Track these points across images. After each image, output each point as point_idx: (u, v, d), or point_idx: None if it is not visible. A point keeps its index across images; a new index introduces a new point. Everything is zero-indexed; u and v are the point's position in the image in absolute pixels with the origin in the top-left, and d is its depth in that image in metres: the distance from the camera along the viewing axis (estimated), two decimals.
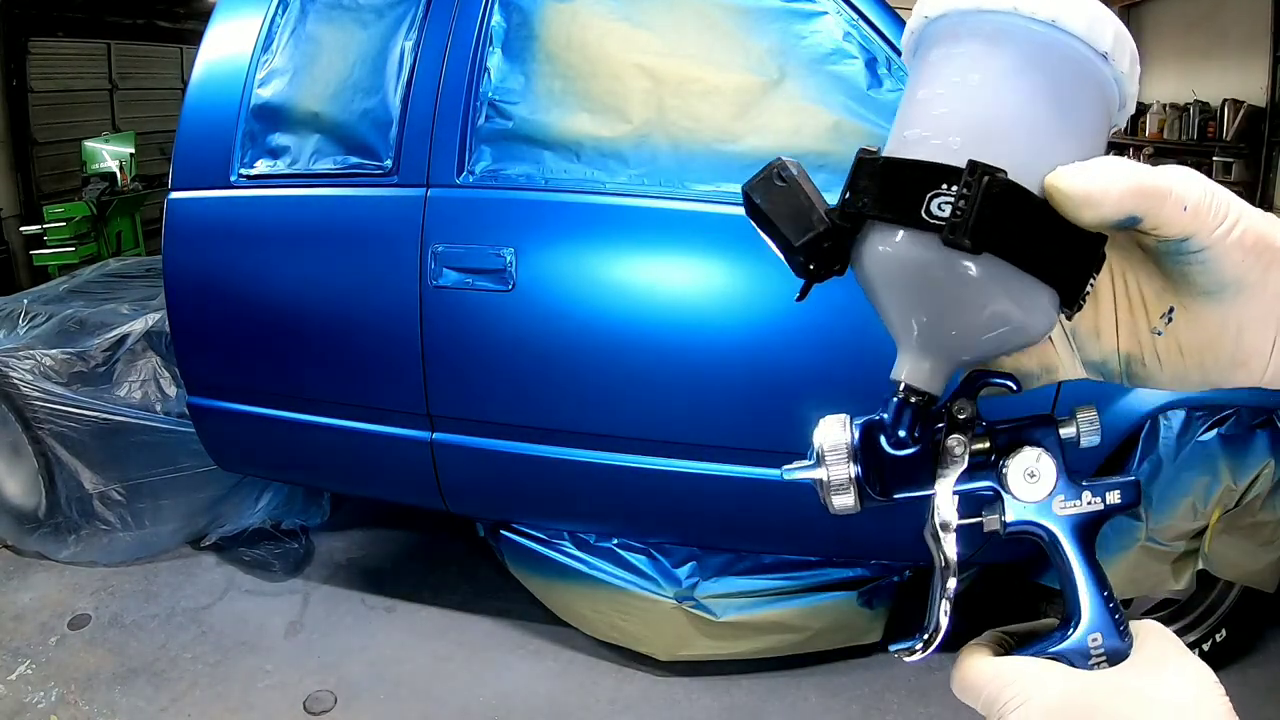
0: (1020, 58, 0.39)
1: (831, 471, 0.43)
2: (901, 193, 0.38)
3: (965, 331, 0.40)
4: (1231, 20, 6.37)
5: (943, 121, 0.39)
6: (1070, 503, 0.41)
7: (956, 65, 0.40)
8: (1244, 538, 1.94)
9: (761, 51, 1.87)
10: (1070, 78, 0.40)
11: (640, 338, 1.92)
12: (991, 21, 0.40)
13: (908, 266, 0.39)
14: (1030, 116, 0.39)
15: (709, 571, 2.16)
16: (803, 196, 0.42)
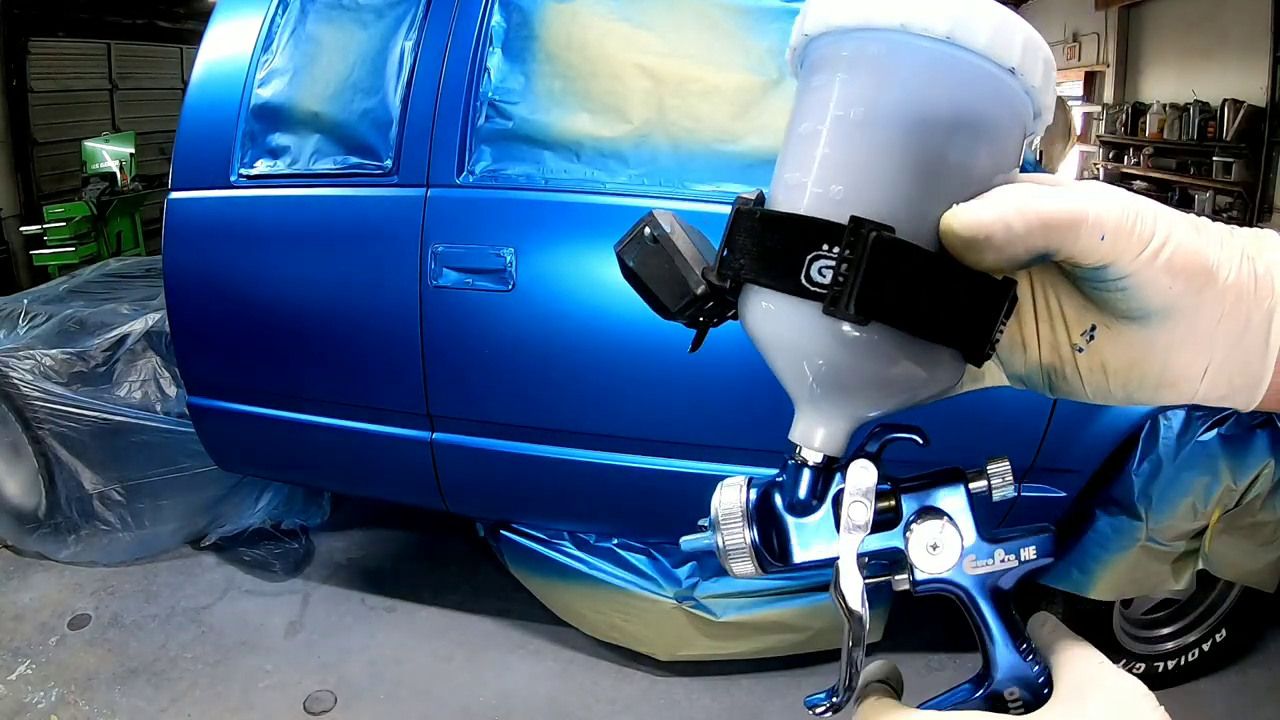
0: (911, 85, 0.34)
1: (726, 538, 0.40)
2: (780, 254, 0.34)
3: (860, 396, 0.37)
4: (1231, 20, 6.36)
5: (824, 165, 0.34)
6: (982, 562, 0.38)
7: (839, 95, 0.34)
8: (1244, 538, 1.94)
9: (761, 51, 1.87)
10: (972, 102, 0.34)
11: (640, 338, 1.92)
12: (877, 41, 0.34)
13: (791, 334, 0.35)
14: (925, 156, 0.34)
15: (709, 571, 2.16)
16: (677, 257, 0.39)
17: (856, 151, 0.34)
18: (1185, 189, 6.96)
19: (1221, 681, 2.20)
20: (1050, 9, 9.30)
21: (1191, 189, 6.85)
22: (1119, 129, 7.89)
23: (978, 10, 0.33)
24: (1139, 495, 1.89)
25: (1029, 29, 0.34)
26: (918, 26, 0.33)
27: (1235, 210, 6.32)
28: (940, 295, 0.34)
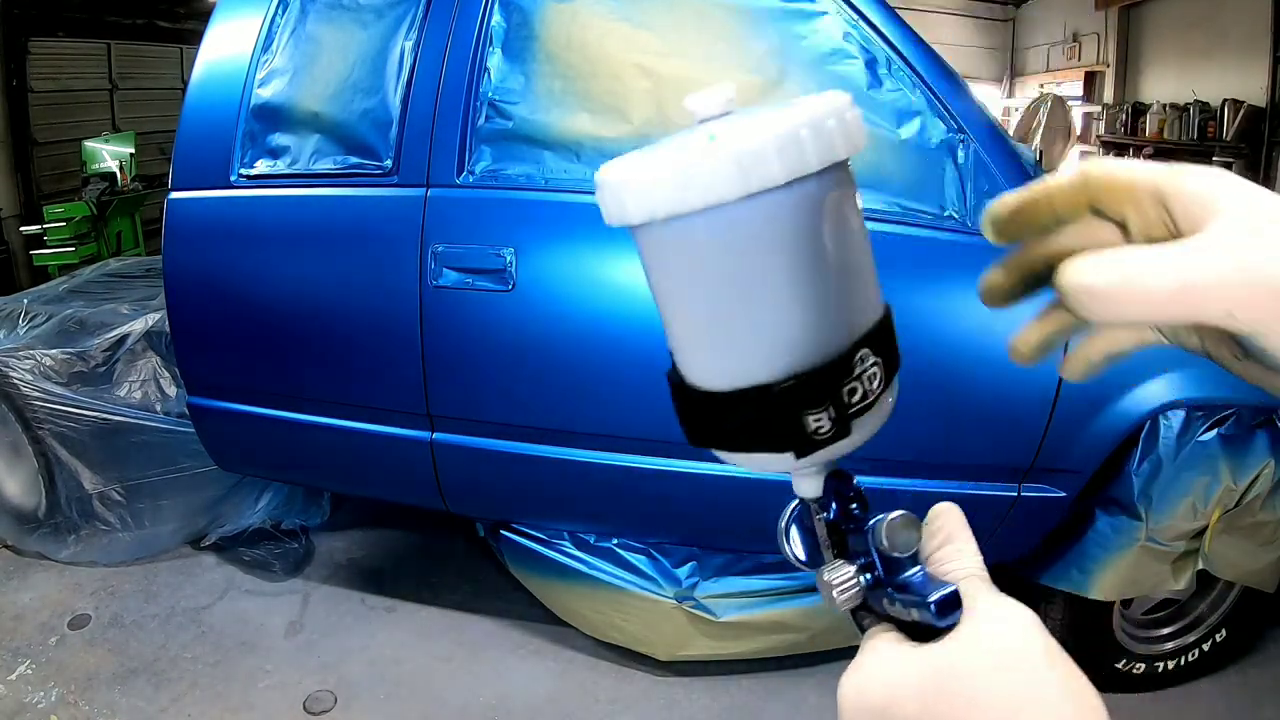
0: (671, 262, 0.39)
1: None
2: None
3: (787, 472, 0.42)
4: (1231, 20, 6.37)
5: (667, 330, 0.41)
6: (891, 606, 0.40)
7: (649, 275, 0.41)
8: (1244, 538, 1.94)
9: (761, 51, 1.87)
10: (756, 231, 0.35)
11: (640, 338, 1.92)
12: (640, 232, 0.38)
13: None
14: (665, 306, 0.40)
15: (709, 571, 2.16)
16: None
17: (670, 316, 0.40)
18: None
19: (1221, 681, 2.20)
20: (1050, 9, 9.31)
21: None
22: (1119, 129, 7.90)
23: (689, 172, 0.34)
24: (1139, 495, 1.89)
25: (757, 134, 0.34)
26: (663, 213, 0.35)
27: None
28: (733, 420, 0.38)
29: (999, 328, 2.04)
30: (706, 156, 0.34)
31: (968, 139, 1.83)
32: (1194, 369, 1.82)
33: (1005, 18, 10.25)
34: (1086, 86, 8.55)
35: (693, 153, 0.34)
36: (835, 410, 0.37)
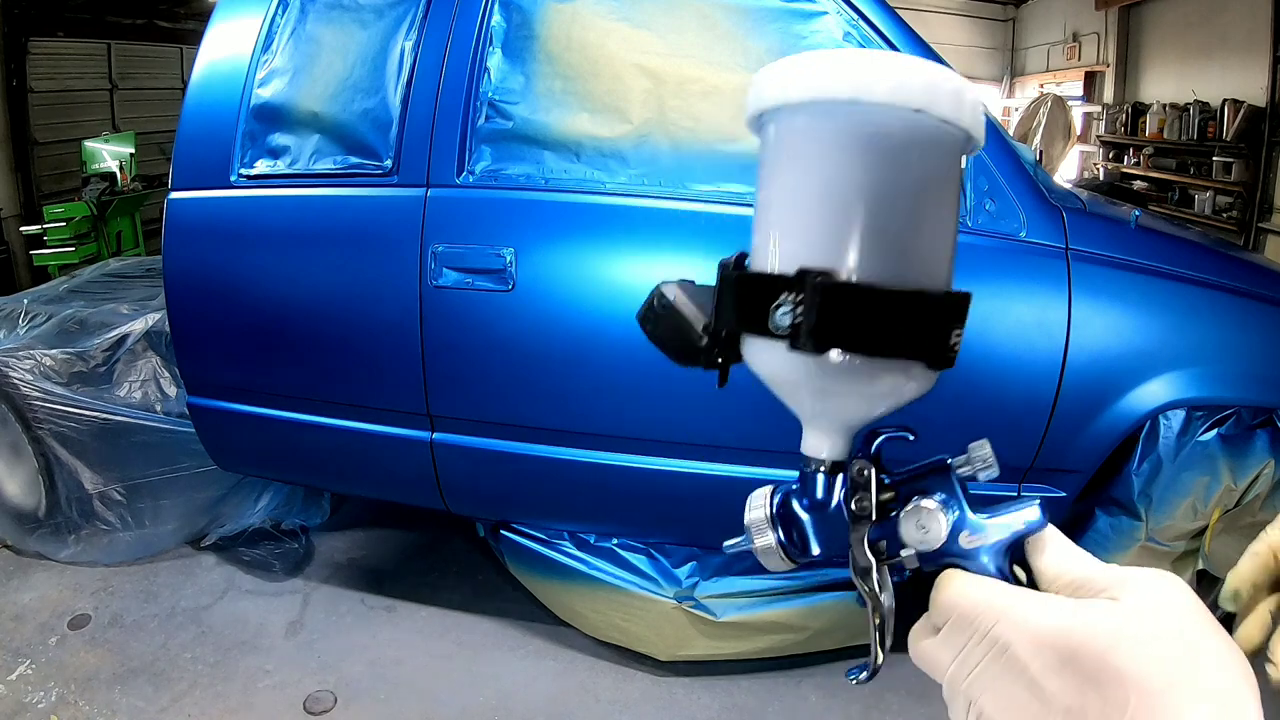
0: (830, 146, 0.40)
1: (756, 541, 0.47)
2: (752, 306, 0.41)
3: (849, 409, 0.43)
4: (1231, 20, 6.36)
5: (780, 226, 0.41)
6: (976, 536, 0.42)
7: (782, 167, 0.42)
8: (1244, 538, 1.93)
9: (761, 51, 1.87)
10: (890, 146, 0.40)
11: (640, 338, 1.92)
12: (802, 114, 0.40)
13: (775, 370, 0.43)
14: (855, 204, 0.39)
15: (709, 571, 2.16)
16: (681, 320, 0.47)
17: (803, 210, 0.41)
18: (1185, 189, 6.96)
19: None
20: (1050, 9, 9.30)
21: (1191, 189, 6.85)
22: (1119, 129, 7.89)
23: (875, 68, 0.39)
24: (1139, 495, 1.89)
25: (930, 70, 0.39)
26: (826, 94, 0.39)
27: (1235, 210, 6.32)
28: (889, 320, 0.39)
29: (999, 328, 2.05)
30: (928, 70, 0.39)
31: None
32: (1194, 369, 1.82)
33: (1005, 18, 10.25)
34: (1086, 86, 8.54)
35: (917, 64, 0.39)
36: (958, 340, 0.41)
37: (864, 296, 0.39)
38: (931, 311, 0.40)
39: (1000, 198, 1.84)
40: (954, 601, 0.40)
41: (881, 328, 0.39)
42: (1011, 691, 0.37)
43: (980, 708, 0.38)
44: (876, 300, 0.39)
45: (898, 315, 0.39)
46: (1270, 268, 2.15)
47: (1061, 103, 7.70)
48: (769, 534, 0.46)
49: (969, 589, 0.40)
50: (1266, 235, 6.10)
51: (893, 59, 0.39)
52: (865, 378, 0.41)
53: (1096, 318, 1.80)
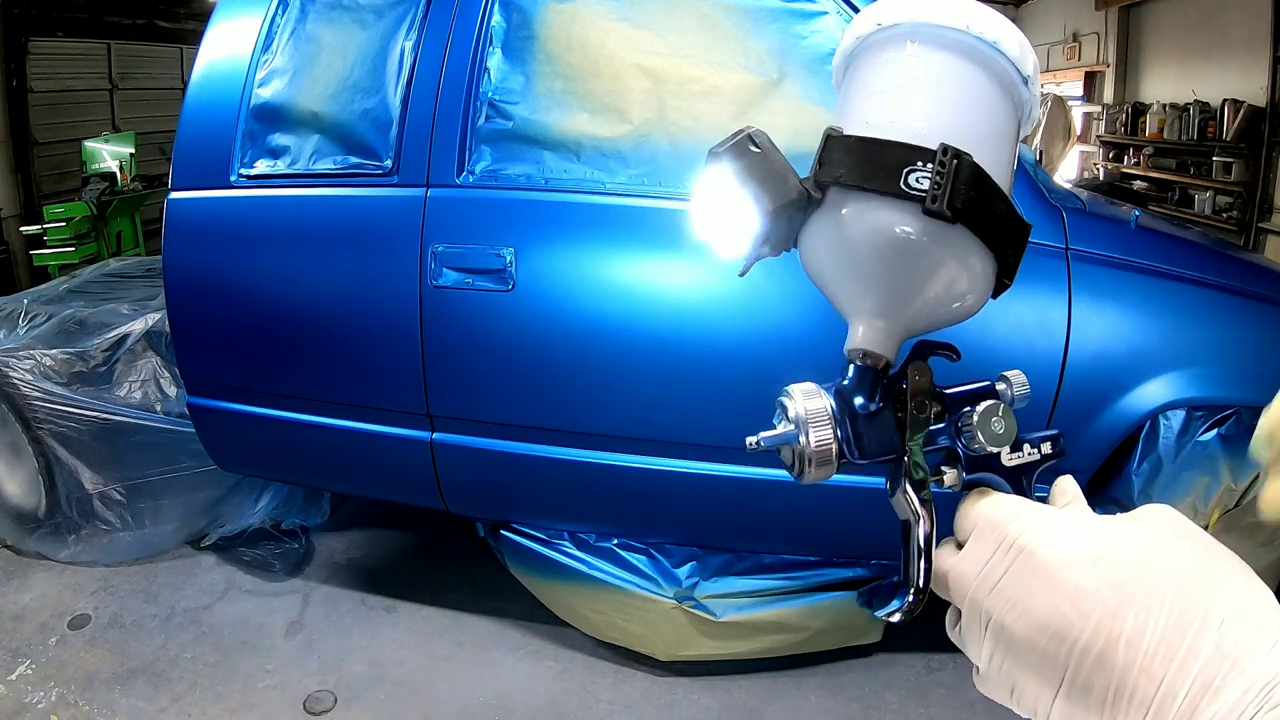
0: (970, 67, 0.45)
1: (815, 438, 0.44)
2: (879, 166, 0.42)
3: (922, 297, 0.45)
4: (1231, 20, 6.36)
5: (908, 110, 0.44)
6: (1014, 455, 0.45)
7: (917, 66, 0.45)
8: (1244, 538, 1.94)
9: (761, 51, 1.87)
10: (1003, 90, 0.46)
11: (640, 338, 1.92)
12: (945, 34, 0.45)
13: (883, 232, 0.43)
14: (977, 115, 0.45)
15: (709, 571, 2.16)
16: (777, 162, 0.46)
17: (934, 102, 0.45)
18: (1185, 189, 6.96)
19: None
20: (1050, 9, 9.30)
21: (1191, 189, 6.85)
22: (1119, 129, 7.89)
23: (1013, 31, 0.45)
24: (1139, 495, 1.89)
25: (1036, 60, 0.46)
26: (976, 30, 0.44)
27: (1235, 210, 6.32)
28: (1000, 215, 0.43)
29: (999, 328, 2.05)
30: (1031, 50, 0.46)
31: None
32: (1194, 369, 1.82)
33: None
34: (1086, 86, 8.54)
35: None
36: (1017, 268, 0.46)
37: (990, 185, 0.42)
38: (1021, 226, 0.45)
39: None
40: (982, 512, 0.41)
41: (994, 219, 0.43)
42: (1039, 599, 0.37)
43: (1001, 621, 0.38)
44: (997, 194, 0.43)
45: (1004, 215, 0.43)
46: (1270, 268, 2.15)
47: (1061, 103, 7.69)
48: (830, 429, 0.44)
49: (999, 500, 0.42)
50: (1266, 235, 6.10)
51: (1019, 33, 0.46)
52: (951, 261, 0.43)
53: (1096, 318, 1.80)
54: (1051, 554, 0.37)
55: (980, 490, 0.44)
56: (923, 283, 0.44)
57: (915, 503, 0.43)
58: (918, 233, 0.42)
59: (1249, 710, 0.32)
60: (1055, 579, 0.37)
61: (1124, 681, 0.35)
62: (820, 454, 0.44)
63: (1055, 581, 0.37)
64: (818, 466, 0.44)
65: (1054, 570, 0.37)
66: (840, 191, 0.44)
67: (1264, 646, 0.33)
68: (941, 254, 0.43)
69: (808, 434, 0.44)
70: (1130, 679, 0.34)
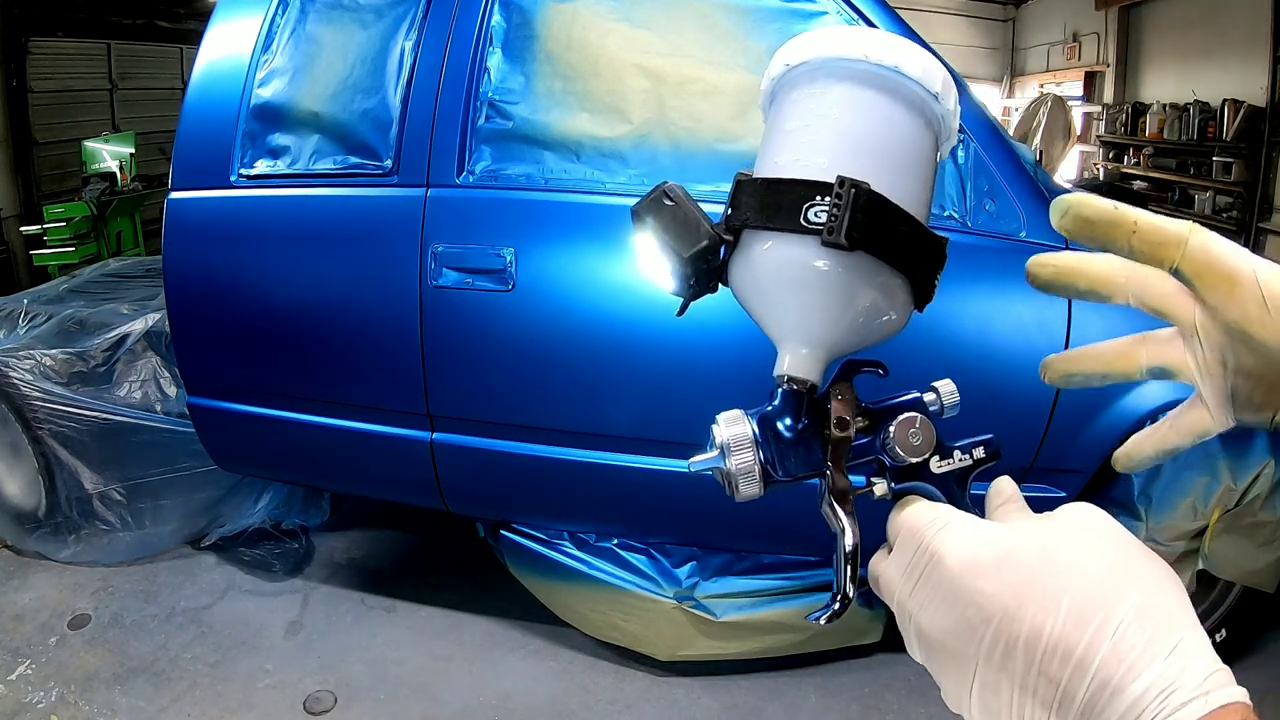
0: (871, 95, 0.46)
1: (736, 461, 0.47)
2: (781, 205, 0.45)
3: (839, 322, 0.46)
4: (1231, 20, 6.36)
5: (810, 147, 0.46)
6: (944, 462, 0.46)
7: (819, 102, 0.47)
8: (1244, 538, 1.94)
9: (761, 51, 1.87)
10: (910, 111, 0.47)
11: (640, 338, 1.92)
12: (845, 66, 0.47)
13: (791, 266, 0.45)
14: (881, 141, 0.46)
15: (709, 571, 2.16)
16: (690, 213, 0.48)
17: (836, 136, 0.46)
18: (1185, 189, 6.95)
19: None
20: (1050, 9, 9.30)
21: (1191, 189, 6.85)
22: (1119, 129, 7.89)
23: (914, 52, 0.47)
24: (1139, 495, 1.89)
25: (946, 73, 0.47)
26: (875, 58, 0.46)
27: (1235, 210, 6.32)
28: (904, 237, 0.45)
29: (998, 328, 2.05)
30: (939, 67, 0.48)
31: (967, 139, 1.83)
32: None
33: (1005, 18, 10.25)
34: (1086, 86, 8.54)
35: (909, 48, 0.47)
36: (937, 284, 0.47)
37: (889, 210, 0.44)
38: (933, 245, 0.46)
39: (1000, 198, 1.84)
40: (904, 520, 0.43)
41: (898, 241, 0.44)
42: (946, 604, 0.38)
43: (918, 623, 0.39)
44: (897, 216, 0.44)
45: (910, 236, 0.45)
46: None
47: (1061, 103, 7.69)
48: (751, 454, 0.46)
49: (921, 507, 0.43)
50: (1266, 235, 6.10)
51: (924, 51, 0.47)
52: (864, 286, 0.45)
53: (1097, 317, 1.80)
54: (957, 559, 0.38)
55: (906, 499, 0.45)
56: (836, 310, 0.45)
57: (839, 515, 0.45)
58: (820, 264, 0.44)
59: (1147, 713, 0.32)
60: (960, 584, 0.37)
61: (1025, 682, 0.35)
62: (743, 475, 0.46)
63: (960, 586, 0.37)
64: (744, 486, 0.47)
65: (958, 575, 0.38)
66: (750, 233, 0.47)
67: (1163, 650, 0.33)
68: (848, 282, 0.44)
69: (730, 458, 0.47)
70: (1031, 680, 0.35)
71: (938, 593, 0.38)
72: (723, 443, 0.47)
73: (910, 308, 0.47)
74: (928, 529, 0.41)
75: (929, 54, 0.47)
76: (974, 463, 0.46)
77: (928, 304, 0.47)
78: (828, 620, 0.44)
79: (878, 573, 0.44)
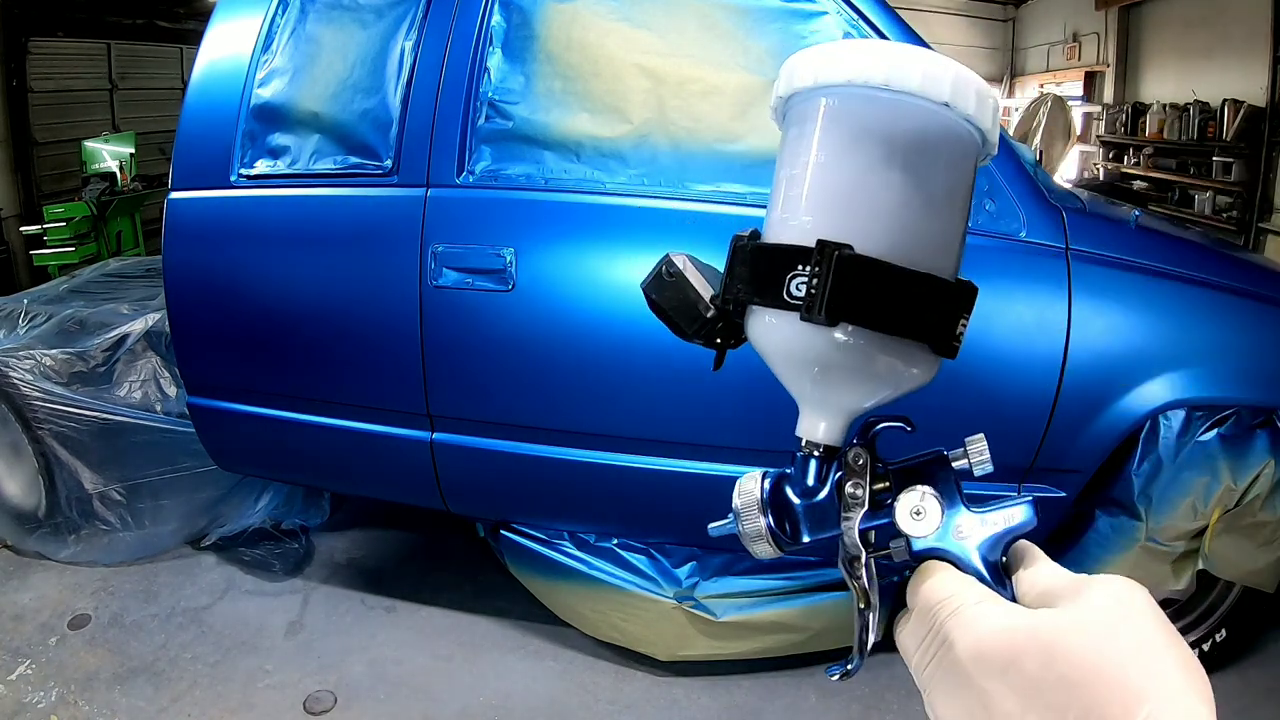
0: (859, 129, 0.41)
1: (745, 525, 0.46)
2: (767, 276, 0.41)
3: (851, 390, 0.43)
4: (1231, 20, 6.36)
5: (799, 202, 0.41)
6: (966, 531, 0.42)
7: (806, 145, 0.42)
8: (1244, 538, 1.94)
9: (761, 51, 1.87)
10: (912, 135, 0.41)
11: (640, 338, 1.92)
12: (830, 96, 0.41)
13: (784, 343, 0.42)
14: (877, 185, 0.40)
15: (709, 571, 2.16)
16: (689, 289, 0.47)
17: (823, 187, 0.41)
18: (1185, 189, 6.95)
19: (1221, 681, 2.20)
20: (1050, 9, 9.30)
21: (1191, 189, 6.85)
22: (1119, 129, 7.89)
23: (909, 60, 0.40)
24: (1139, 495, 1.89)
25: (959, 69, 0.41)
26: (860, 79, 0.40)
27: (1235, 210, 6.32)
28: (902, 298, 0.40)
29: (999, 328, 2.05)
30: (947, 66, 0.41)
31: None
32: (1194, 369, 1.82)
33: (1005, 18, 10.25)
34: (1086, 86, 8.54)
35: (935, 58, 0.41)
36: (964, 328, 0.42)
37: (879, 272, 0.39)
38: (942, 295, 0.41)
39: (1000, 198, 1.84)
40: (922, 591, 0.41)
41: (894, 305, 0.40)
42: (956, 692, 0.37)
43: (931, 701, 0.38)
44: (891, 277, 0.39)
45: (910, 295, 0.40)
46: (1270, 268, 2.15)
47: (1061, 103, 7.69)
48: (759, 519, 0.45)
49: (940, 580, 0.40)
50: (1266, 235, 6.10)
51: (924, 53, 0.41)
52: (870, 357, 0.41)
53: (1096, 318, 1.80)
54: (968, 650, 0.37)
55: (926, 565, 0.42)
56: (847, 380, 0.42)
57: (855, 579, 0.44)
58: (806, 341, 0.41)
59: None
60: (969, 677, 0.36)
61: None
62: (752, 538, 0.46)
63: (969, 679, 0.36)
64: (755, 549, 0.46)
65: (968, 668, 0.36)
66: (746, 306, 0.44)
67: None
68: (852, 353, 0.41)
69: (740, 521, 0.46)
70: None
71: (948, 679, 0.37)
72: (735, 505, 0.46)
73: (935, 361, 0.43)
74: (942, 608, 0.39)
75: (930, 56, 0.41)
76: (1004, 530, 0.42)
77: (952, 354, 0.42)
78: (842, 678, 0.44)
79: (898, 637, 0.42)
